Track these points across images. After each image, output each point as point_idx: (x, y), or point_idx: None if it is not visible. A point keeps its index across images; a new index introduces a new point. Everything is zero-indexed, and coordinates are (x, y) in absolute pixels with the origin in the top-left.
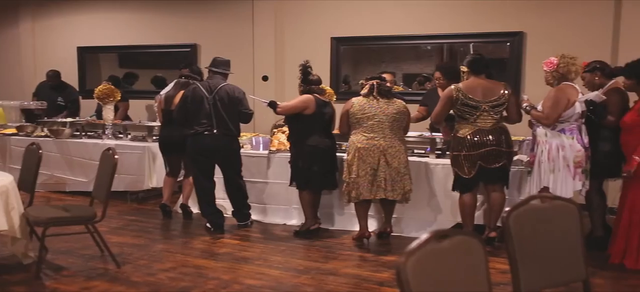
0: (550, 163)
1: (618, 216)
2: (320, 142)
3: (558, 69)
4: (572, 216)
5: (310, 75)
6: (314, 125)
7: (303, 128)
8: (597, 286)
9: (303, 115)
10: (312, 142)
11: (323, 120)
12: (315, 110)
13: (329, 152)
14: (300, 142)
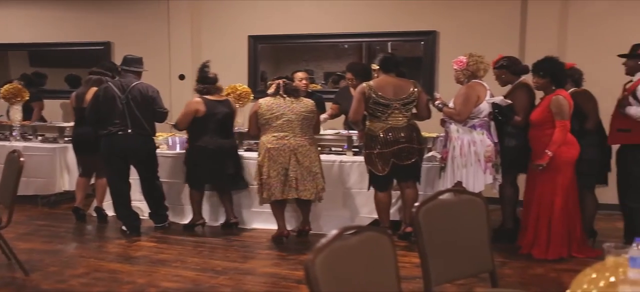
0: (463, 158)
1: (525, 209)
2: (210, 142)
3: (468, 68)
4: (479, 210)
5: (207, 75)
6: (206, 125)
7: (195, 129)
8: (506, 275)
9: (195, 117)
10: (202, 142)
11: (215, 120)
12: (206, 111)
13: (219, 152)
14: (191, 142)
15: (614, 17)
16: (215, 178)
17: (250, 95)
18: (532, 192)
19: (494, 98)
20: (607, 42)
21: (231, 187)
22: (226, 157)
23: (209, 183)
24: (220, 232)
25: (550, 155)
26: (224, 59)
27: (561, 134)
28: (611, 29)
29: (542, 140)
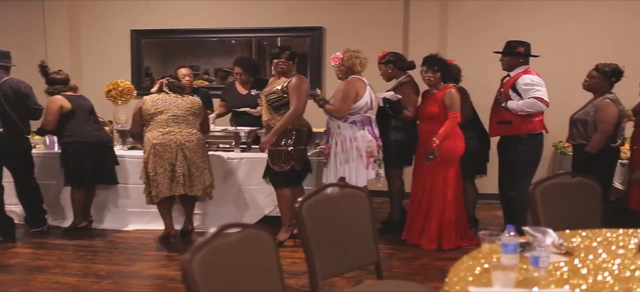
0: (345, 154)
1: (414, 201)
2: (87, 136)
3: (344, 63)
4: (362, 203)
5: (49, 75)
6: (76, 120)
7: (65, 126)
8: (393, 266)
9: (62, 114)
10: (78, 137)
11: (84, 113)
12: (72, 105)
13: (98, 145)
14: (64, 140)
15: (490, 14)
16: (96, 173)
17: (133, 91)
18: (422, 184)
19: (384, 93)
20: (484, 39)
21: (107, 182)
22: (105, 150)
23: (90, 180)
24: (104, 235)
25: (438, 143)
26: (105, 54)
27: (451, 124)
28: (488, 26)
29: (436, 132)
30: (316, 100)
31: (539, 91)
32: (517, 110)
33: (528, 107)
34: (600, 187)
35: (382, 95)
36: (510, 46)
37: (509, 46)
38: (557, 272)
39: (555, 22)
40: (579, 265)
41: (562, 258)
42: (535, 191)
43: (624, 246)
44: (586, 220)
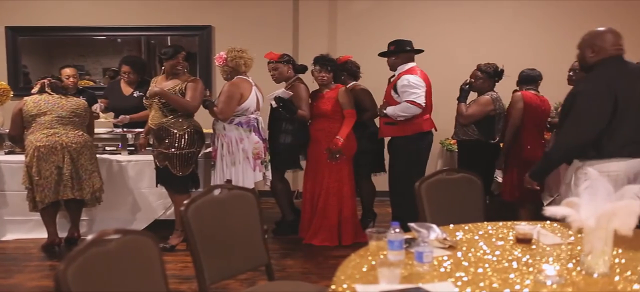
0: (231, 156)
1: (309, 200)
2: None
3: (228, 63)
4: (250, 204)
5: None
6: None
7: None
8: (288, 266)
9: None
10: None
11: None
12: None
13: None
14: None
15: (379, 15)
16: None
17: (10, 92)
18: (318, 182)
19: (275, 92)
20: (373, 39)
21: None
22: None
23: None
24: None
25: (342, 141)
26: None
27: (351, 122)
28: (377, 26)
29: (332, 131)
30: (203, 101)
31: (413, 94)
32: (394, 116)
33: (402, 111)
34: (482, 182)
35: (273, 95)
36: (393, 45)
37: (393, 46)
38: (441, 267)
39: (442, 23)
40: (462, 258)
41: (445, 252)
42: (421, 187)
43: (503, 237)
44: (469, 214)
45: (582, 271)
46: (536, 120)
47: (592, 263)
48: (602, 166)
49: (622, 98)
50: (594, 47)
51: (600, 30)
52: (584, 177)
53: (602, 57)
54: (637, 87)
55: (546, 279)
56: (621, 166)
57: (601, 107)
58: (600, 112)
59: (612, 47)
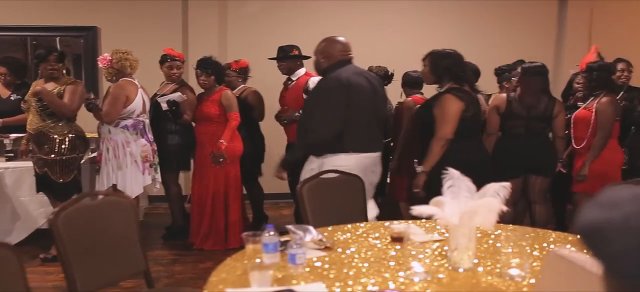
0: (117, 160)
1: (197, 204)
2: None
3: (113, 65)
4: (126, 210)
5: None
6: None
7: None
8: (176, 272)
9: None
10: None
11: None
12: None
13: None
14: None
15: (271, 16)
16: None
17: None
18: (204, 187)
19: (169, 95)
20: (266, 41)
21: None
22: None
23: None
24: None
25: (226, 144)
26: None
27: (234, 125)
28: (269, 28)
29: (216, 134)
30: (87, 104)
31: None
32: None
33: None
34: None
35: (168, 97)
36: (283, 50)
37: (283, 51)
38: (317, 268)
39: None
40: (337, 259)
41: (322, 253)
42: (302, 189)
43: (380, 237)
44: (352, 215)
45: (449, 266)
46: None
47: (458, 259)
48: (336, 159)
49: (353, 95)
50: (324, 54)
51: (331, 39)
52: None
53: (331, 62)
54: (363, 86)
55: (414, 275)
56: (352, 160)
57: (338, 100)
58: (339, 105)
59: (339, 53)
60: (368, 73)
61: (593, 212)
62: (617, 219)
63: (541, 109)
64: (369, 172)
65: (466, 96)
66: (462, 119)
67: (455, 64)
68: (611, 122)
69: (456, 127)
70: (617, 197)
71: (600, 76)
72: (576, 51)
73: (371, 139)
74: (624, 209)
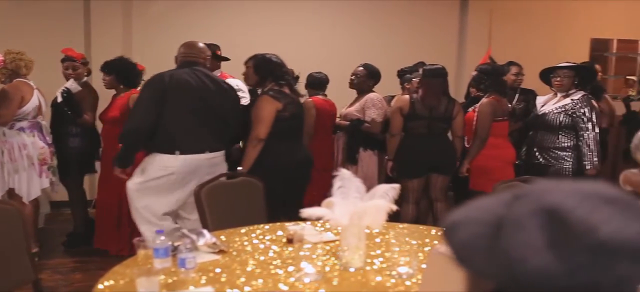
0: (13, 163)
1: (103, 209)
2: None
3: (7, 66)
4: (12, 218)
5: None
6: None
7: None
8: (76, 281)
9: None
10: None
11: None
12: None
13: None
14: None
15: (176, 17)
16: None
17: None
18: (110, 191)
19: (67, 83)
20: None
21: None
22: None
23: None
24: None
25: None
26: None
27: None
28: (176, 28)
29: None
30: None
31: (244, 98)
32: None
33: None
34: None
35: (65, 86)
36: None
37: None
38: (209, 272)
39: (242, 25)
40: (231, 261)
41: (216, 257)
42: (201, 192)
43: (277, 239)
44: (251, 217)
45: (340, 266)
46: (324, 124)
47: (349, 258)
48: (164, 160)
49: (174, 93)
50: (176, 56)
51: (184, 43)
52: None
53: (177, 64)
54: (193, 87)
55: (305, 276)
56: (179, 160)
57: (152, 95)
58: (151, 99)
59: (182, 56)
60: (213, 77)
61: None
62: (470, 212)
63: (442, 110)
64: (204, 174)
65: (283, 97)
66: (280, 119)
67: (276, 67)
68: (488, 122)
69: (272, 128)
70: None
71: (491, 79)
72: (478, 52)
73: (204, 141)
74: (478, 204)
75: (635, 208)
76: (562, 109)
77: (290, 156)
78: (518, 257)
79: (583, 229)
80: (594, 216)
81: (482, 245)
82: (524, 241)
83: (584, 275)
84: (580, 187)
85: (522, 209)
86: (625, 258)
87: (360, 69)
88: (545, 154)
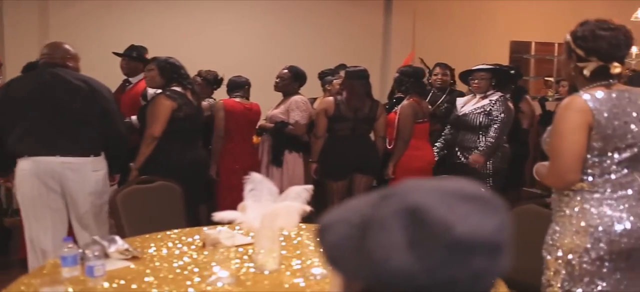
0: None
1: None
2: None
3: None
4: None
5: None
6: None
7: None
8: None
9: None
10: None
11: None
12: None
13: None
14: None
15: (94, 19)
16: None
17: None
18: None
19: None
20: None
21: None
22: None
23: None
24: None
25: None
26: None
27: None
28: (92, 31)
29: None
30: None
31: None
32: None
33: None
34: (182, 190)
35: None
36: (136, 50)
37: (135, 50)
38: (120, 279)
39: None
40: (144, 268)
41: (127, 263)
42: (116, 197)
43: (193, 243)
44: (170, 222)
45: (255, 269)
46: (240, 127)
47: (263, 261)
48: (19, 164)
49: (11, 93)
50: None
51: (48, 44)
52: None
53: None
54: (31, 87)
55: (218, 281)
56: (28, 163)
57: None
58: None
59: (42, 56)
60: (67, 78)
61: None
62: (341, 214)
63: (366, 111)
64: (70, 180)
65: (180, 98)
66: (175, 119)
67: (180, 69)
68: (410, 124)
69: (167, 127)
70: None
71: (411, 81)
72: (402, 53)
73: (52, 143)
74: (349, 205)
75: (493, 205)
76: (482, 109)
77: (181, 156)
78: (381, 258)
79: (440, 228)
80: (452, 214)
81: (350, 246)
82: (387, 241)
83: (442, 272)
84: (443, 186)
85: (387, 210)
86: (480, 254)
87: (284, 72)
88: (467, 153)
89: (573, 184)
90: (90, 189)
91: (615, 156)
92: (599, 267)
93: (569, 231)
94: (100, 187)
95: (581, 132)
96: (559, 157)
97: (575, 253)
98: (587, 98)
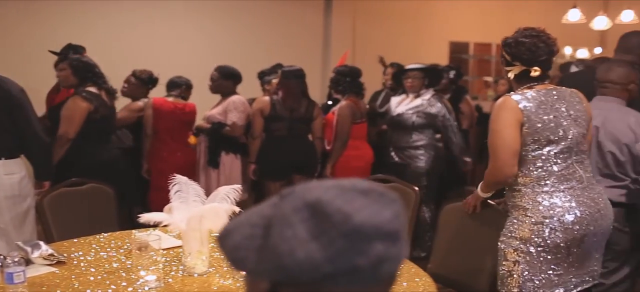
0: None
1: None
2: None
3: None
4: None
5: None
6: None
7: None
8: None
9: None
10: None
11: None
12: None
13: None
14: None
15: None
16: None
17: None
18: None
19: None
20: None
21: None
22: None
23: None
24: None
25: None
26: None
27: None
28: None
29: None
30: None
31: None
32: None
33: None
34: (115, 191)
35: None
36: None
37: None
38: (43, 285)
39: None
40: (68, 273)
41: (52, 269)
42: (44, 200)
43: (122, 246)
44: (102, 225)
45: (184, 272)
46: (168, 126)
47: (192, 264)
48: None
49: None
50: None
51: None
52: None
53: None
54: None
55: (145, 284)
56: None
57: None
58: None
59: None
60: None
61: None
62: (241, 218)
63: (302, 111)
64: None
65: (95, 99)
66: (90, 120)
67: (94, 68)
68: (348, 124)
69: (82, 129)
70: None
71: (348, 81)
72: (343, 52)
73: None
74: (249, 211)
75: (387, 198)
76: (415, 109)
77: (97, 157)
78: (286, 251)
79: (339, 218)
80: (349, 205)
81: (253, 245)
82: (291, 235)
83: (344, 260)
84: (339, 183)
85: (288, 207)
86: (378, 240)
87: (213, 73)
88: (400, 153)
89: (511, 177)
90: (5, 193)
91: (552, 149)
92: (556, 254)
93: (526, 223)
94: (16, 192)
95: (514, 128)
96: (496, 153)
97: (533, 243)
98: (516, 98)
